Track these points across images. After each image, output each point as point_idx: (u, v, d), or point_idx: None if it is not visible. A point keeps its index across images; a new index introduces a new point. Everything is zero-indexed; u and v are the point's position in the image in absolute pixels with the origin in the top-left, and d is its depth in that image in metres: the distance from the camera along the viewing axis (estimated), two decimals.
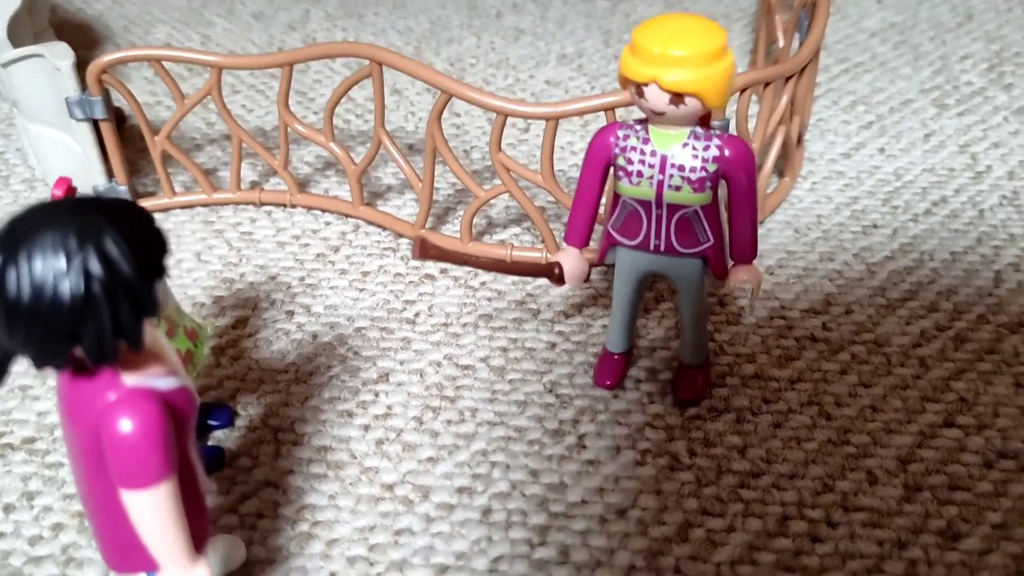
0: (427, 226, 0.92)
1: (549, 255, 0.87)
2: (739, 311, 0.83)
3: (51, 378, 0.77)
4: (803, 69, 0.89)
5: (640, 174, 0.64)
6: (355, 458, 0.71)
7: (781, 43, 1.07)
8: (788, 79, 0.88)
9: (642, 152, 0.64)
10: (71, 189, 0.62)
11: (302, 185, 1.01)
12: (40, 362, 0.44)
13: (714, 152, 0.63)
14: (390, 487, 0.68)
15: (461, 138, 1.09)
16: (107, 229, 0.43)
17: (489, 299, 0.85)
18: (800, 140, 0.98)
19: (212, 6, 1.45)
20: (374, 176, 1.03)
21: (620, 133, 0.65)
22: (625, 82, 0.63)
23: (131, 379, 0.46)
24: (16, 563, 0.64)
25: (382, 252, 0.92)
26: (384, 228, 0.94)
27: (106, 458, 0.46)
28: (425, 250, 0.62)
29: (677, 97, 0.60)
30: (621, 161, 0.65)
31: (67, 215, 0.43)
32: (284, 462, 0.70)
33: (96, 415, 0.45)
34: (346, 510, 0.67)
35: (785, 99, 0.88)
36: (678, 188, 0.64)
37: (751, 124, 1.01)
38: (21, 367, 0.78)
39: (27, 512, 0.67)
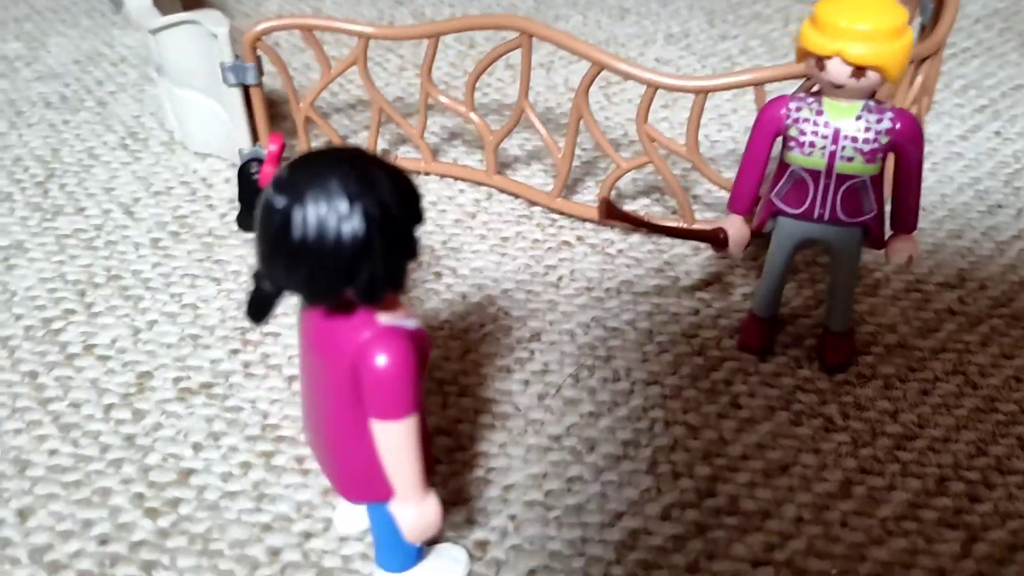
0: (561, 195, 0.95)
1: (685, 226, 0.90)
2: (877, 282, 0.85)
3: (219, 329, 0.81)
4: (936, 51, 0.91)
5: (813, 145, 0.67)
6: (519, 410, 0.74)
7: None
8: (923, 60, 0.89)
9: (815, 123, 0.67)
10: (283, 144, 0.66)
11: (433, 153, 1.04)
12: (314, 300, 0.47)
13: (887, 125, 0.66)
14: (557, 438, 0.72)
15: None
16: (380, 176, 0.46)
17: (628, 266, 0.88)
18: (922, 122, 1.00)
19: None
20: (500, 146, 1.06)
21: (792, 105, 0.68)
22: (805, 55, 0.65)
23: (384, 319, 0.49)
24: (212, 497, 0.67)
25: (518, 219, 0.95)
26: (517, 196, 0.97)
27: (361, 391, 0.49)
28: (611, 211, 0.65)
29: (859, 71, 0.63)
30: (793, 132, 0.68)
31: (344, 162, 0.46)
32: (451, 412, 0.74)
33: (354, 350, 0.48)
34: (517, 458, 0.70)
35: (920, 79, 0.90)
36: (850, 159, 0.66)
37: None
38: (180, 320, 0.82)
39: (215, 451, 0.71)
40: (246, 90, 0.95)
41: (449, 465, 0.70)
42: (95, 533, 0.65)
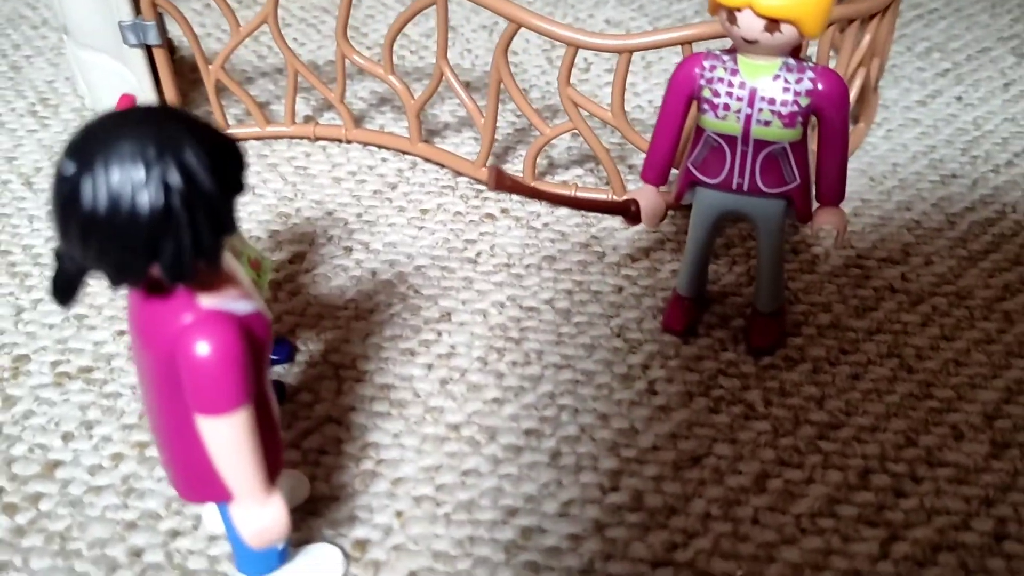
0: (487, 164, 0.89)
1: (614, 197, 0.84)
2: (814, 258, 0.80)
3: (108, 308, 0.76)
4: (887, 8, 0.84)
5: (727, 107, 0.61)
6: (419, 397, 0.69)
7: None
8: (871, 17, 0.83)
9: (730, 84, 0.61)
10: (134, 104, 0.60)
11: (357, 121, 0.98)
12: (116, 279, 0.42)
13: (807, 85, 0.60)
14: (455, 427, 0.66)
15: (519, 76, 1.06)
16: (187, 140, 0.40)
17: (552, 240, 0.83)
18: (876, 86, 0.94)
19: None
20: (430, 113, 1.00)
21: (706, 64, 0.62)
22: (716, 8, 0.59)
23: (208, 301, 0.44)
24: (76, 492, 0.62)
25: (441, 190, 0.89)
26: (442, 166, 0.92)
27: (182, 382, 0.44)
28: (500, 180, 0.60)
29: (773, 24, 0.57)
30: (707, 93, 0.62)
31: (145, 124, 0.40)
32: (346, 399, 0.69)
33: (172, 337, 0.43)
34: (411, 449, 0.65)
35: (868, 38, 0.84)
36: (767, 123, 0.61)
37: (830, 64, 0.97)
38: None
39: (86, 441, 0.66)
40: (149, 51, 0.89)
41: (336, 457, 0.64)
42: None
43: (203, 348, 0.43)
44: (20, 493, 0.62)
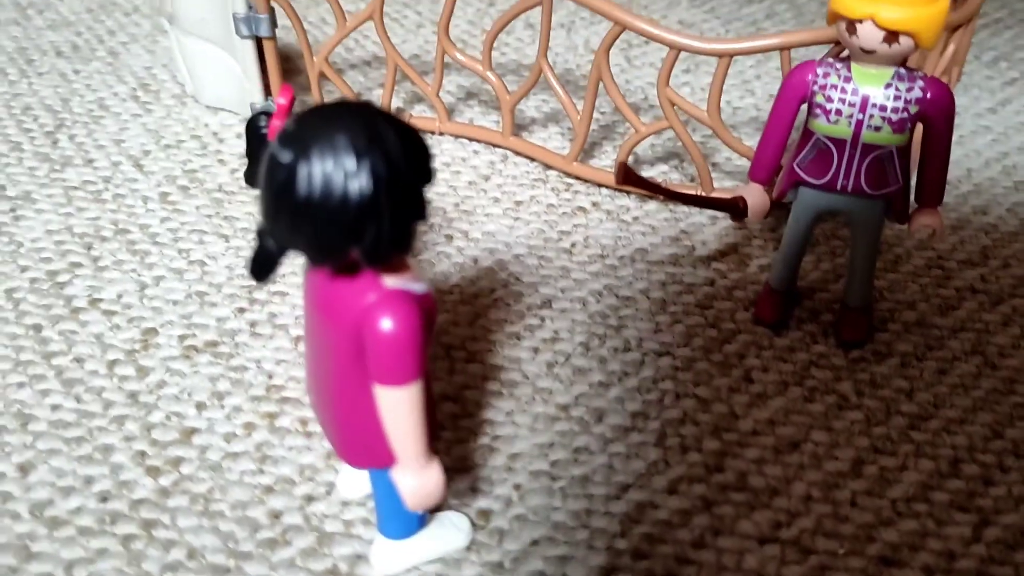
0: (578, 159, 0.93)
1: (703, 193, 0.88)
2: (897, 257, 0.83)
3: (227, 287, 0.80)
4: (969, 20, 0.88)
5: (839, 112, 0.65)
6: (527, 378, 0.73)
7: None
8: (956, 28, 0.87)
9: (843, 90, 0.65)
10: (294, 97, 0.64)
11: (448, 113, 1.02)
12: (318, 259, 0.46)
13: (917, 93, 0.64)
14: (564, 408, 0.70)
15: None
16: (390, 134, 0.44)
17: (643, 234, 0.87)
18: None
19: None
20: (517, 108, 1.04)
21: (819, 71, 0.66)
22: (835, 18, 0.63)
23: (391, 281, 0.48)
24: (214, 457, 0.67)
25: (532, 183, 0.93)
26: (532, 159, 0.96)
27: (363, 355, 0.48)
28: (628, 176, 0.63)
29: (891, 35, 0.61)
30: (819, 99, 0.65)
31: (354, 118, 0.44)
32: (459, 378, 0.73)
33: (359, 314, 0.47)
34: (524, 427, 0.69)
35: (951, 48, 0.87)
36: (878, 128, 0.64)
37: None
38: (177, 279, 0.81)
39: (219, 411, 0.70)
40: (259, 42, 0.93)
41: (454, 432, 0.69)
42: (96, 490, 0.65)
43: (388, 324, 0.47)
44: (162, 457, 0.67)
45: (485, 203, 0.90)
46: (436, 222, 0.88)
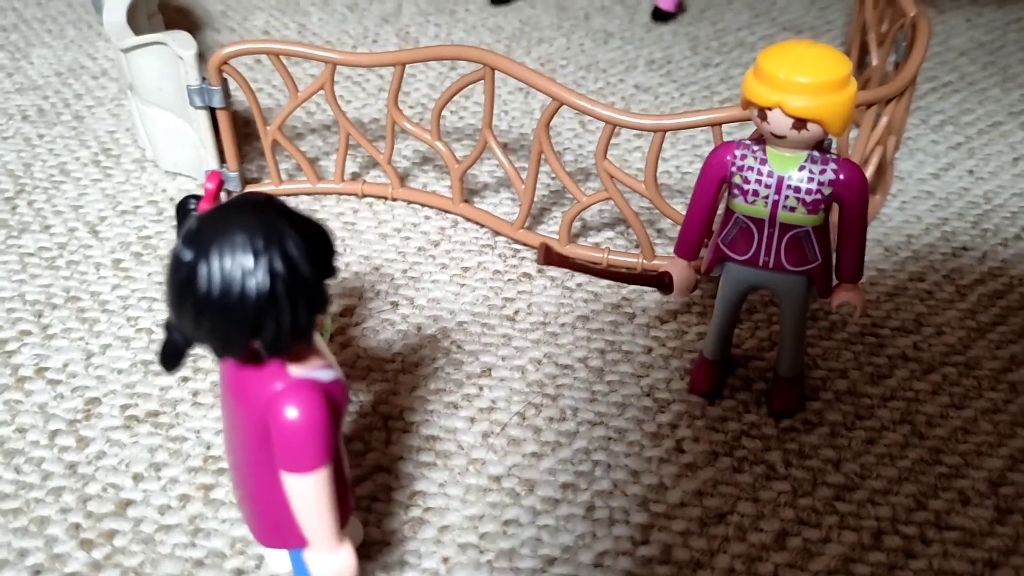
0: (525, 226, 0.94)
1: (644, 260, 0.90)
2: (832, 325, 0.85)
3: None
4: (903, 92, 0.90)
5: (756, 193, 0.67)
6: (462, 449, 0.74)
7: (875, 61, 1.08)
8: (889, 101, 0.89)
9: (759, 172, 0.66)
10: (222, 182, 0.66)
11: (402, 179, 1.04)
12: (221, 352, 0.47)
13: (830, 176, 0.65)
14: (497, 479, 0.71)
15: (553, 139, 1.12)
16: (288, 231, 0.46)
17: (586, 301, 0.88)
18: (892, 159, 1.00)
19: None
20: (470, 173, 1.06)
21: (737, 152, 0.68)
22: (747, 104, 0.65)
23: (296, 370, 0.49)
24: (148, 530, 0.68)
25: (480, 249, 0.95)
26: (482, 225, 0.97)
27: (271, 442, 0.49)
28: (550, 257, 0.65)
29: (800, 122, 0.63)
30: (737, 179, 0.67)
31: (252, 216, 0.46)
32: (394, 448, 0.74)
33: (264, 402, 0.49)
34: (456, 499, 0.70)
35: (884, 120, 0.90)
36: (792, 209, 0.66)
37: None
38: (139, 344, 0.83)
39: (155, 482, 0.71)
40: (213, 112, 0.96)
41: (386, 504, 0.70)
42: (29, 563, 0.65)
43: (292, 413, 0.48)
44: (96, 529, 0.68)
45: (433, 269, 0.92)
46: (383, 289, 0.89)
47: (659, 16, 1.39)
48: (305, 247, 0.46)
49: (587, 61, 1.30)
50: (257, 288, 0.45)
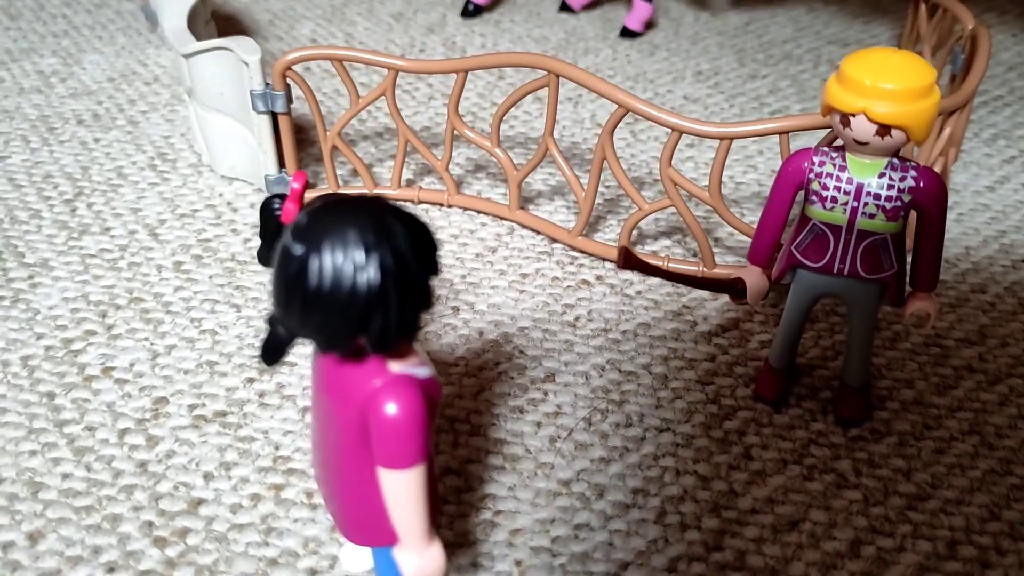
0: (583, 233, 0.95)
1: (704, 269, 0.90)
2: (895, 335, 0.85)
3: (237, 356, 0.82)
4: (965, 104, 0.90)
5: (835, 200, 0.67)
6: (530, 453, 0.74)
7: None
8: (952, 112, 0.89)
9: (838, 179, 0.66)
10: (307, 182, 0.66)
11: (457, 185, 1.04)
12: (327, 347, 0.47)
13: (910, 183, 0.65)
14: (566, 483, 0.71)
15: None
16: (398, 227, 0.46)
17: (646, 308, 0.88)
18: (950, 171, 1.00)
19: (353, 5, 1.50)
20: (524, 181, 1.06)
21: (815, 159, 0.68)
22: (829, 110, 0.65)
23: (396, 367, 0.49)
24: (220, 528, 0.68)
25: (538, 256, 0.95)
26: (538, 232, 0.98)
27: (368, 438, 0.49)
28: (630, 260, 0.65)
29: (884, 129, 0.63)
30: (815, 186, 0.67)
31: (363, 212, 0.46)
32: (462, 451, 0.74)
33: (364, 398, 0.49)
34: (526, 502, 0.70)
35: (947, 131, 0.90)
36: (872, 216, 0.66)
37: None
38: (202, 342, 0.83)
39: (226, 481, 0.71)
40: (274, 117, 0.96)
41: (457, 506, 0.70)
42: (103, 560, 0.66)
43: (393, 409, 0.48)
44: (169, 528, 0.68)
45: (491, 275, 0.92)
46: (443, 294, 0.90)
47: (626, 34, 1.39)
48: (413, 243, 0.47)
49: (634, 72, 1.31)
50: (368, 284, 0.45)
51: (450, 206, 1.01)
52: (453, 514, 0.69)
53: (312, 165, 1.08)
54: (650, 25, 1.42)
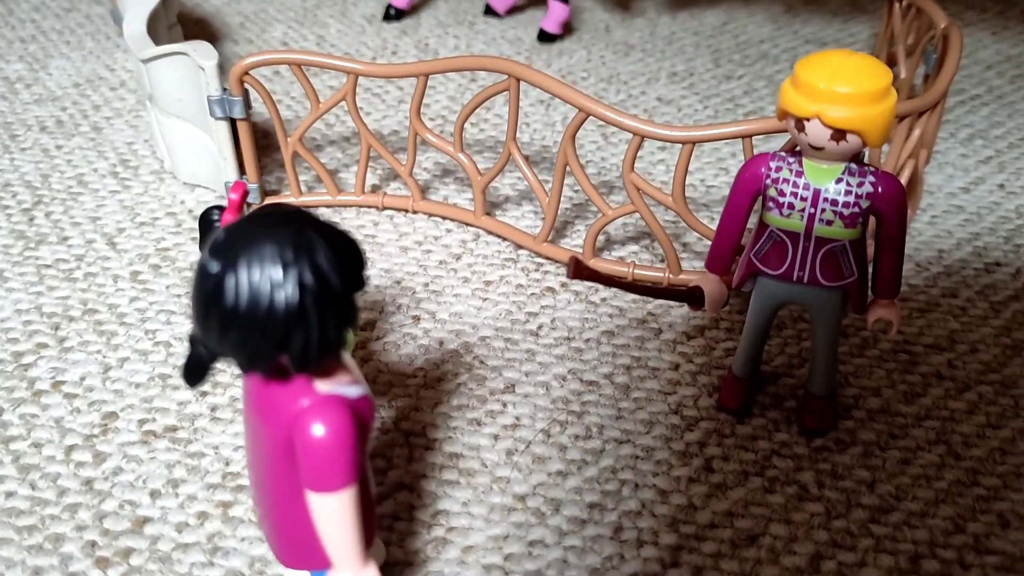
0: (548, 239, 0.93)
1: (671, 275, 0.88)
2: (864, 342, 0.83)
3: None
4: (935, 105, 0.89)
5: (791, 206, 0.65)
6: (486, 467, 0.72)
7: (903, 73, 1.06)
8: (922, 113, 0.87)
9: (795, 184, 0.65)
10: (246, 192, 0.64)
11: (423, 191, 1.03)
12: (247, 366, 0.46)
13: (868, 188, 0.64)
14: (522, 498, 0.70)
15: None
16: (318, 242, 0.45)
17: (611, 315, 0.86)
18: (922, 173, 0.98)
19: (326, 7, 1.48)
20: (492, 186, 1.04)
21: (772, 164, 0.66)
22: (784, 115, 0.63)
23: (323, 386, 0.48)
24: (165, 548, 0.66)
25: (503, 262, 0.93)
26: (504, 239, 0.96)
27: (296, 460, 0.48)
28: (579, 270, 0.64)
29: (839, 133, 0.61)
30: (772, 192, 0.66)
31: (281, 227, 0.45)
32: (417, 466, 0.72)
33: (290, 418, 0.47)
34: (479, 518, 0.68)
35: (917, 132, 0.88)
36: (829, 223, 0.64)
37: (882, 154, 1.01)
38: (157, 356, 0.81)
39: (173, 499, 0.69)
40: (233, 123, 0.95)
41: (408, 523, 0.68)
42: None
43: (319, 430, 0.47)
44: (112, 547, 0.66)
45: (455, 283, 0.90)
46: (404, 303, 0.88)
47: (544, 38, 1.37)
48: (335, 259, 0.45)
49: (608, 73, 1.29)
50: (286, 301, 0.43)
51: (415, 212, 0.99)
52: (404, 531, 0.67)
53: (276, 171, 1.06)
54: (568, 28, 1.40)
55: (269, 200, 1.00)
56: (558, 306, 0.88)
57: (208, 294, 0.44)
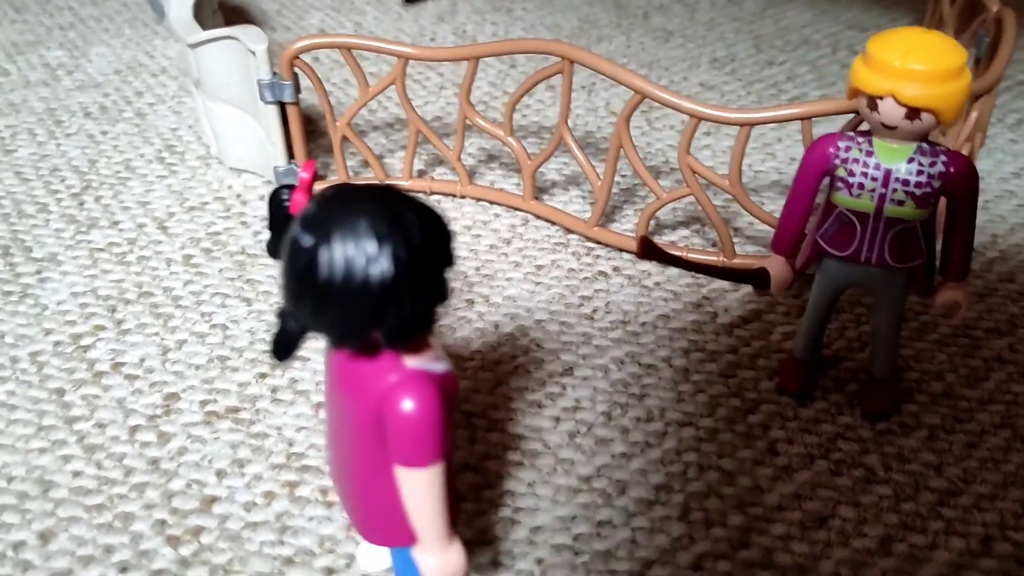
0: (599, 223, 0.93)
1: (725, 259, 0.88)
2: (923, 326, 0.82)
3: (248, 351, 0.80)
4: (991, 88, 0.88)
5: (862, 186, 0.65)
6: (549, 448, 0.72)
7: None
8: (977, 97, 0.87)
9: (865, 164, 0.64)
10: (316, 172, 0.64)
11: (470, 176, 1.02)
12: (340, 342, 0.46)
13: (940, 168, 0.63)
14: (587, 479, 0.70)
15: None
16: (410, 217, 0.44)
17: (665, 300, 0.86)
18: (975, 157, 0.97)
19: None
20: (538, 171, 1.04)
21: (841, 144, 0.65)
22: (855, 93, 0.63)
23: (411, 362, 0.47)
24: (234, 527, 0.66)
25: (553, 247, 0.93)
26: (553, 223, 0.96)
27: (384, 436, 0.47)
28: (650, 250, 0.63)
29: (913, 112, 0.61)
30: (842, 172, 0.65)
31: (374, 201, 0.44)
32: (480, 447, 0.72)
33: (379, 394, 0.47)
34: (546, 499, 0.68)
35: (974, 115, 0.87)
36: (900, 203, 0.64)
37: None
38: (214, 338, 0.82)
39: (239, 479, 0.70)
40: (283, 107, 0.95)
41: (476, 503, 0.68)
42: (116, 560, 0.64)
43: (409, 406, 0.46)
44: (182, 526, 0.66)
45: (506, 267, 0.90)
46: (457, 287, 0.88)
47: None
48: (427, 234, 0.45)
49: (649, 59, 1.29)
50: (382, 276, 0.43)
51: (463, 197, 0.99)
52: (472, 512, 0.67)
53: (322, 156, 1.06)
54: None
55: (317, 185, 1.00)
56: (611, 290, 0.87)
57: (301, 268, 0.44)
